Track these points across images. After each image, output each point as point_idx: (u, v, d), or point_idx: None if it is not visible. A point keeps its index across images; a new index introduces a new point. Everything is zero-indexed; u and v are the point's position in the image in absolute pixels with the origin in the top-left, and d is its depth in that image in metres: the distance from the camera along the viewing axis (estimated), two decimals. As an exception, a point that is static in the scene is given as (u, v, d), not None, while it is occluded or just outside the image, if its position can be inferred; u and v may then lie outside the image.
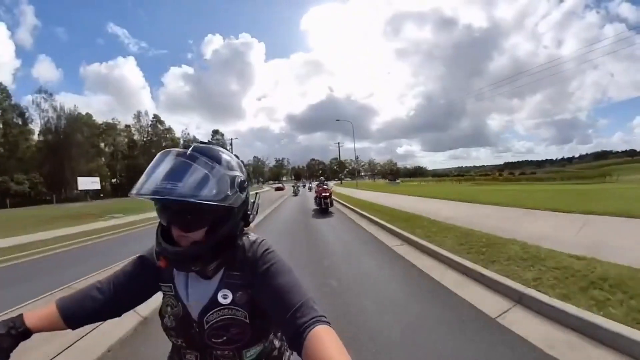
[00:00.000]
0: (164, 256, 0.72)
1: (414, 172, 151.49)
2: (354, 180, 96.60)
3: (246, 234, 0.83)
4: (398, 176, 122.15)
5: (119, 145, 55.78)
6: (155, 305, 0.96)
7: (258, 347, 0.81)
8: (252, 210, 0.83)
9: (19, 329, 0.68)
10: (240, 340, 0.75)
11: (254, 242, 0.80)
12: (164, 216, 0.70)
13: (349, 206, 13.08)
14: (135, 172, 45.35)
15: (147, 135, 61.53)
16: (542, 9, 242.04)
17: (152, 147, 56.30)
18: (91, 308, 0.77)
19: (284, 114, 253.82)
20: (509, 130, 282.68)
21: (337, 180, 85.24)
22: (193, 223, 0.69)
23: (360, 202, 14.17)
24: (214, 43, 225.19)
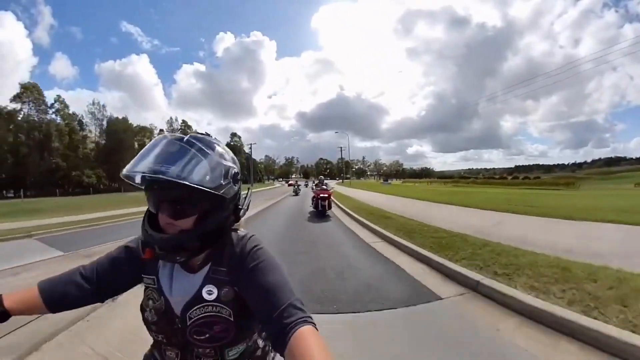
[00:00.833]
0: (150, 245, 0.71)
1: (420, 174, 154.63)
2: (359, 179, 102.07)
3: (236, 229, 0.82)
4: (405, 177, 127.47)
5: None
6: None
7: (241, 346, 0.79)
8: (243, 205, 0.81)
9: None
10: (224, 339, 0.73)
11: (242, 238, 0.79)
12: (153, 202, 0.70)
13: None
14: None
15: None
16: (559, 7, 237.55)
17: None
18: (73, 293, 0.76)
19: (295, 111, 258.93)
20: (522, 132, 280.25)
21: (337, 179, 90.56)
22: (183, 210, 0.68)
23: (340, 195, 18.58)
24: (226, 41, 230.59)
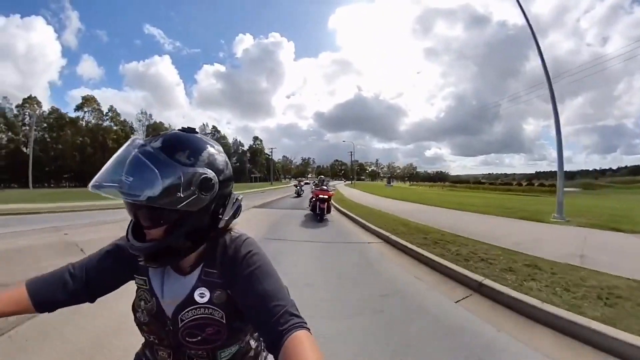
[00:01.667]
0: (129, 249, 0.71)
1: (434, 177, 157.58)
2: (373, 181, 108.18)
3: (228, 230, 0.80)
4: (418, 180, 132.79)
5: None
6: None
7: (233, 348, 0.79)
8: (226, 213, 0.75)
9: None
10: (216, 341, 0.74)
11: (236, 240, 0.77)
12: (125, 207, 0.68)
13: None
14: None
15: None
16: (585, 3, 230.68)
17: None
18: (62, 292, 0.74)
19: (312, 111, 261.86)
20: (545, 136, 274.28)
21: (346, 180, 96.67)
22: (151, 220, 0.67)
23: (338, 195, 21.59)
24: (245, 42, 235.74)
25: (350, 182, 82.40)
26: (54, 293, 0.74)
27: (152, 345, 0.80)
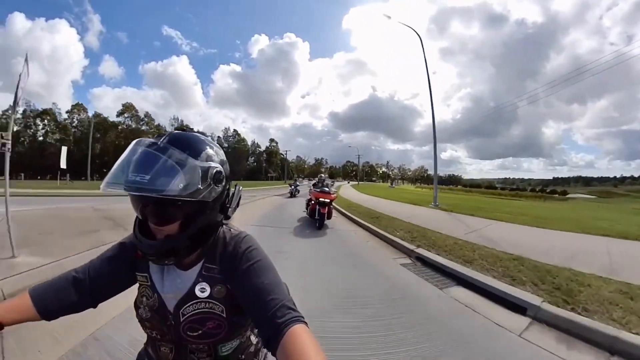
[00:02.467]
0: (139, 249, 0.74)
1: (445, 180, 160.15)
2: (384, 182, 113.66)
3: (228, 226, 0.84)
4: (429, 183, 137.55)
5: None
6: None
7: (234, 342, 0.82)
8: (232, 203, 0.82)
9: None
10: (217, 335, 0.76)
11: (236, 236, 0.81)
12: (136, 208, 0.70)
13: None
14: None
15: (230, 144, 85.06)
16: None
17: (233, 152, 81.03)
18: (66, 298, 0.76)
19: (327, 111, 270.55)
20: (566, 140, 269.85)
21: (348, 180, 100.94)
22: (164, 217, 0.69)
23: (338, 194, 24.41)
24: (260, 42, 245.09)
25: (356, 182, 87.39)
26: (57, 300, 0.75)
27: (154, 341, 0.83)
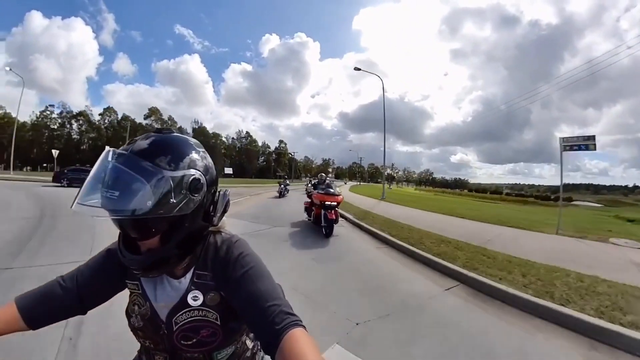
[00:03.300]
0: (124, 263, 0.71)
1: (451, 184, 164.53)
2: (390, 184, 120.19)
3: (219, 231, 0.81)
4: (435, 186, 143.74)
5: (229, 149, 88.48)
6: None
7: (230, 349, 0.82)
8: (217, 210, 0.77)
9: None
10: (211, 343, 0.75)
11: (227, 241, 0.78)
12: (114, 222, 0.66)
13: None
14: (236, 165, 74.96)
15: (242, 145, 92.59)
16: (625, 0, 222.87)
17: (245, 152, 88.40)
18: (53, 306, 0.74)
19: (337, 111, 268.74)
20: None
21: (345, 181, 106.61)
22: (141, 232, 0.67)
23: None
24: (271, 42, 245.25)
25: (357, 183, 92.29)
26: (45, 308, 0.73)
27: (148, 350, 0.81)
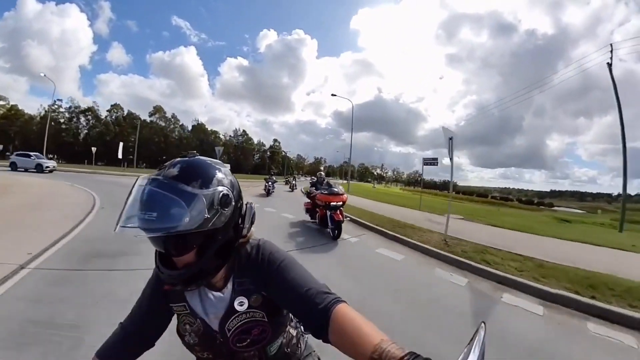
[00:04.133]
0: (164, 280, 0.76)
1: (440, 186, 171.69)
2: (380, 184, 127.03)
3: (247, 240, 0.86)
4: (423, 187, 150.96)
5: (226, 146, 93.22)
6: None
7: (279, 340, 0.90)
8: (246, 222, 0.83)
9: None
10: (263, 339, 0.83)
11: (255, 246, 0.85)
12: (151, 241, 0.72)
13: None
14: (232, 162, 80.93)
15: (238, 142, 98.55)
16: (619, 14, 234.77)
17: (241, 149, 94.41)
18: (126, 349, 0.85)
19: (331, 110, 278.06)
20: (569, 154, 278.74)
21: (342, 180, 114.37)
22: (178, 249, 0.72)
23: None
24: (269, 38, 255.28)
25: (345, 181, 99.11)
26: (121, 353, 0.85)
27: None
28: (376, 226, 8.30)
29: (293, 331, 0.99)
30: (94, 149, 36.61)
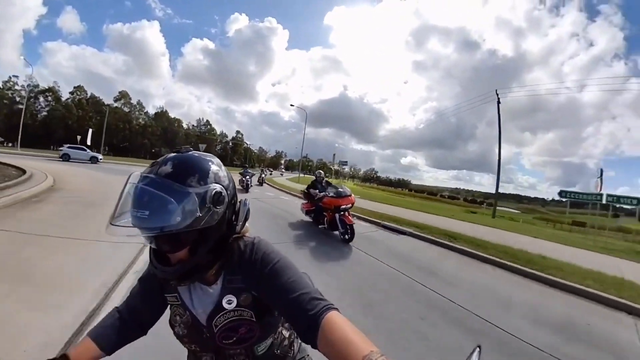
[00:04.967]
0: (158, 275, 0.79)
1: (394, 183, 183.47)
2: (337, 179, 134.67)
3: (241, 236, 0.87)
4: (379, 183, 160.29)
5: (189, 135, 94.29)
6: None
7: (268, 341, 0.91)
8: (239, 219, 0.84)
9: None
10: (250, 338, 0.84)
11: (250, 244, 0.85)
12: (144, 239, 0.72)
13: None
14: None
15: (201, 132, 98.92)
16: (571, 49, 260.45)
17: (204, 139, 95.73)
18: (119, 332, 0.87)
19: (296, 103, 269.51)
20: (515, 162, 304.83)
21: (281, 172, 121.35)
22: (171, 246, 0.74)
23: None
24: (239, 22, 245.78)
25: (296, 175, 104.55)
26: (113, 334, 0.86)
27: (194, 354, 0.92)
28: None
29: (286, 332, 0.98)
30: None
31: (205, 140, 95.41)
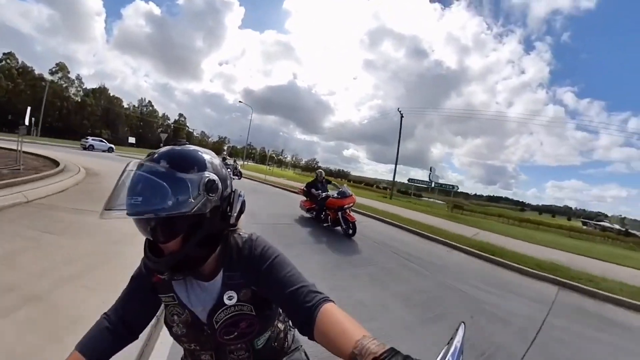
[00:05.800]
0: (151, 269, 0.80)
1: (334, 174, 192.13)
2: (279, 167, 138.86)
3: (237, 232, 0.90)
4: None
5: (129, 117, 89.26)
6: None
7: (267, 334, 0.93)
8: (234, 210, 0.84)
9: None
10: (251, 332, 0.86)
11: (248, 240, 0.88)
12: (140, 230, 0.74)
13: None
14: (136, 134, 78.31)
15: (143, 114, 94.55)
16: (506, 72, 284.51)
17: (144, 122, 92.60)
18: (109, 342, 0.84)
19: (242, 87, 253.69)
20: (447, 161, 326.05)
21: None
22: (163, 234, 0.74)
23: None
24: None
25: (245, 162, 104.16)
26: (103, 345, 0.83)
27: (192, 353, 0.92)
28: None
29: (281, 325, 1.02)
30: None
31: (146, 123, 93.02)
